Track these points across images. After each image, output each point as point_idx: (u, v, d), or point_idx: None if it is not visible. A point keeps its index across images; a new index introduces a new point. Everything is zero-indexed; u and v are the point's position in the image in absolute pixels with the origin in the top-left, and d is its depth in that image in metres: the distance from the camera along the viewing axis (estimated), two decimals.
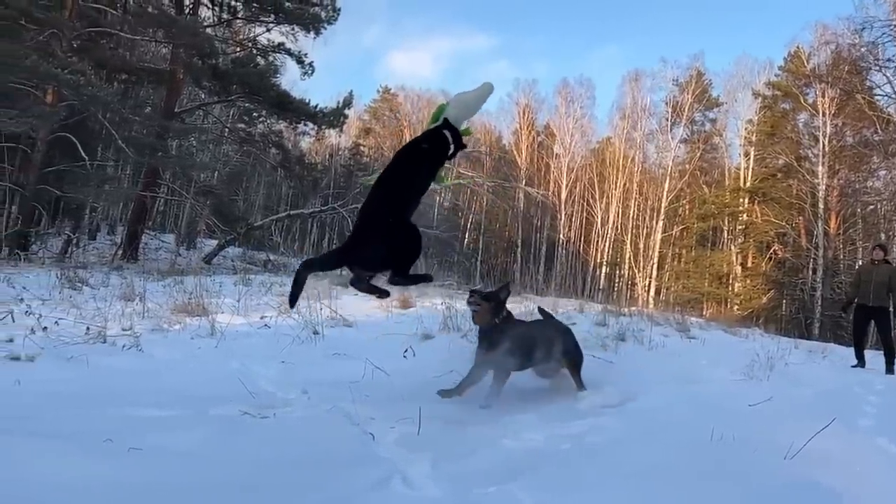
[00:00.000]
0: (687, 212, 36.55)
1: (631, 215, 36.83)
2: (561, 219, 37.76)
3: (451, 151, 3.59)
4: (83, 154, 15.82)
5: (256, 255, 22.01)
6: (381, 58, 77.27)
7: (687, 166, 36.37)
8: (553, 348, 4.01)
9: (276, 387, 3.88)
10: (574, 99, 39.91)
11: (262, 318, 6.67)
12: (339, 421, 3.18)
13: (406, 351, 4.91)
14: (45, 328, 5.17)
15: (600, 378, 4.26)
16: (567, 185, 38.30)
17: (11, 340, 4.47)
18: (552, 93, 42.28)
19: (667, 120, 37.05)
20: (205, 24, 19.28)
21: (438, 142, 3.54)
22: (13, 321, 5.44)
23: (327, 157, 39.51)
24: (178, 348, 5.01)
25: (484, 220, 39.27)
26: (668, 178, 35.62)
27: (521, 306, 7.91)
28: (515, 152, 39.78)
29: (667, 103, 37.14)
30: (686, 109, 36.31)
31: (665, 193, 35.22)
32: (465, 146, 3.71)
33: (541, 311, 4.72)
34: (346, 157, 40.99)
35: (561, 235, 37.66)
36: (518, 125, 40.73)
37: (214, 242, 20.86)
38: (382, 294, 3.50)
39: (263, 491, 2.21)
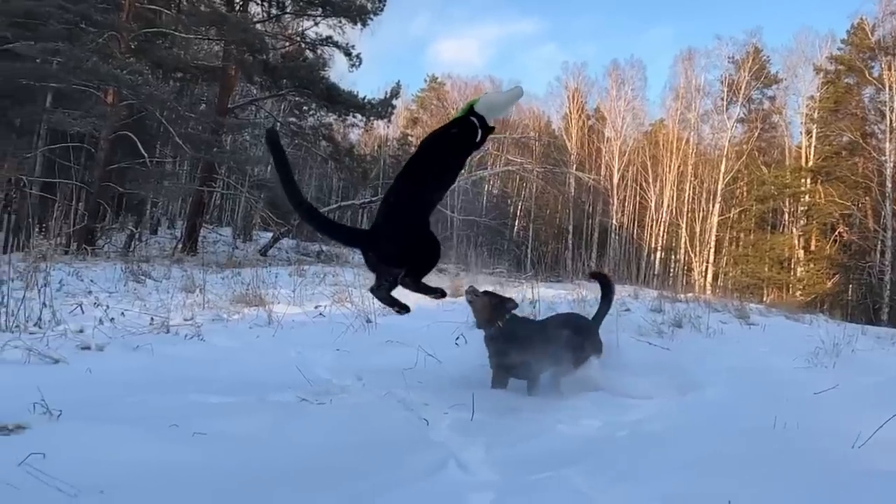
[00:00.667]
0: (745, 194, 35.39)
1: (686, 199, 35.91)
2: (613, 204, 37.13)
3: (478, 137, 3.55)
4: (143, 151, 16.40)
5: (309, 246, 22.43)
6: (427, 46, 77.46)
7: (744, 146, 35.18)
8: (569, 347, 3.68)
9: (331, 374, 3.95)
10: (625, 81, 39.12)
11: (316, 307, 6.81)
12: (393, 406, 3.22)
13: (458, 338, 4.92)
14: (113, 319, 5.40)
15: (657, 365, 4.19)
16: (619, 169, 37.60)
17: (82, 331, 4.68)
18: (602, 75, 41.54)
19: (722, 99, 35.92)
20: (254, 20, 19.65)
21: (466, 127, 3.52)
22: (83, 312, 5.70)
23: (376, 148, 39.86)
24: (237, 337, 5.15)
25: (534, 207, 38.95)
26: (724, 159, 34.56)
27: (573, 293, 7.84)
28: (565, 137, 39.26)
29: (722, 82, 35.99)
30: (743, 88, 35.10)
31: (721, 175, 34.19)
32: (493, 129, 3.66)
33: (595, 275, 4.56)
34: (394, 147, 41.25)
35: (613, 221, 37.04)
36: (567, 109, 40.15)
37: (269, 235, 21.35)
38: (402, 309, 3.45)
39: (323, 473, 2.26)
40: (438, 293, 3.44)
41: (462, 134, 3.48)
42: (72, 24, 15.45)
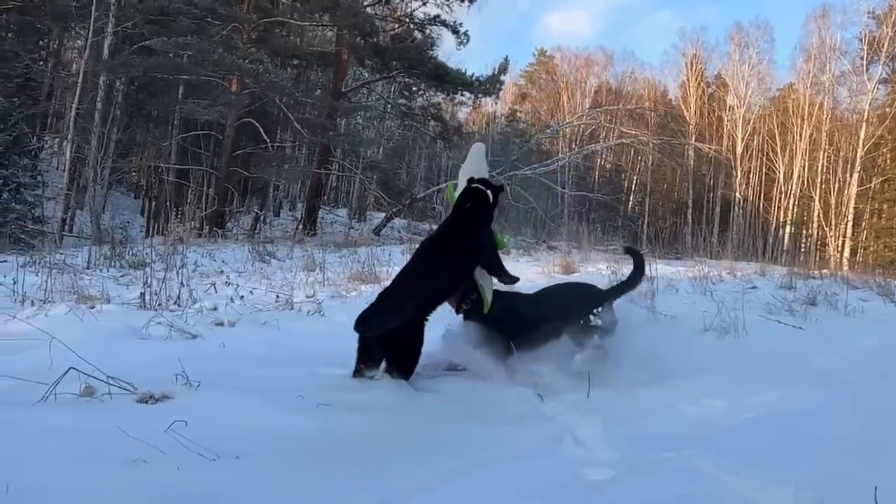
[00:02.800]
0: (888, 161, 32.10)
1: (819, 168, 33.13)
2: (737, 176, 34.91)
3: (492, 198, 3.39)
4: (265, 137, 17.32)
5: (420, 225, 22.85)
6: (535, 20, 75.85)
7: (888, 110, 31.80)
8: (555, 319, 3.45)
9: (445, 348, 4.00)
10: (749, 44, 36.41)
11: None
12: (506, 382, 3.23)
13: None
14: (242, 297, 5.79)
15: (789, 345, 3.91)
16: (743, 139, 35.26)
17: (215, 308, 5.05)
18: (723, 39, 38.93)
19: (861, 59, 32.57)
20: (365, 3, 20.04)
21: (476, 196, 3.36)
22: (216, 291, 6.14)
23: (484, 125, 39.74)
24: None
25: (650, 181, 37.38)
26: (864, 124, 31.46)
27: (693, 271, 7.48)
28: (683, 106, 37.27)
29: (861, 40, 32.60)
30: (885, 45, 31.66)
31: (861, 142, 31.17)
32: (502, 188, 3.52)
33: (629, 250, 4.25)
34: (502, 124, 40.95)
35: (737, 194, 34.85)
36: (685, 77, 38.04)
37: (382, 215, 21.94)
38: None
39: (441, 443, 2.31)
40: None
41: (476, 206, 3.36)
42: (199, 19, 16.50)
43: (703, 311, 4.83)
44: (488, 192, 3.38)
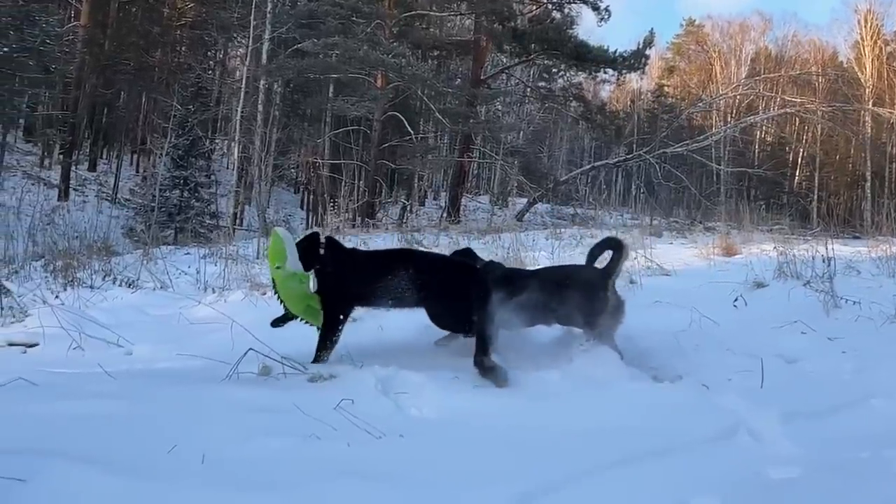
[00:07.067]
0: None
1: None
2: None
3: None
4: (409, 129, 17.87)
5: (563, 209, 22.48)
6: None
7: None
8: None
9: None
10: None
11: None
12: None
13: (736, 300, 4.50)
14: None
15: None
16: None
17: None
18: None
19: None
20: None
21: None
22: None
23: (629, 103, 38.18)
24: None
25: (819, 153, 33.91)
26: None
27: (875, 250, 6.70)
28: (857, 68, 33.37)
29: None
30: None
31: None
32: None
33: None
34: (648, 100, 39.08)
35: None
36: (859, 36, 34.01)
37: (524, 200, 21.85)
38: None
39: (610, 432, 2.25)
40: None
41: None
42: (345, 19, 17.33)
43: (892, 296, 4.29)
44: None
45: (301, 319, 3.32)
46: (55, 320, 4.07)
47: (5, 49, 16.38)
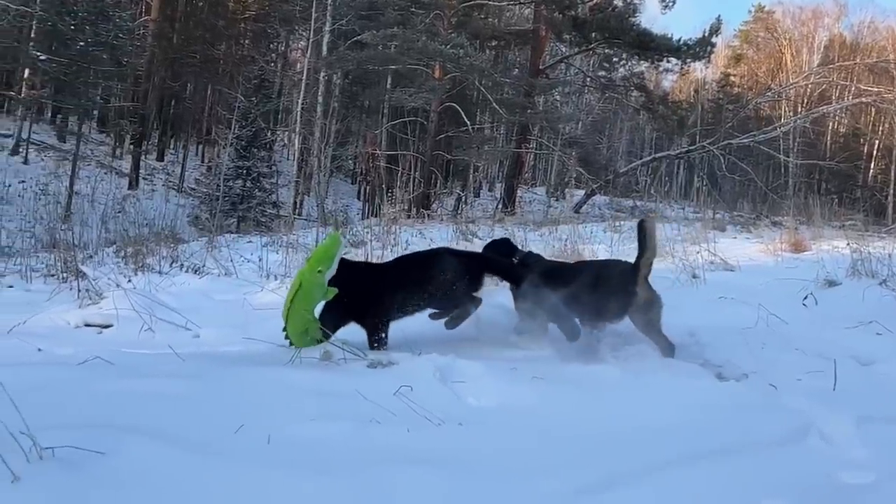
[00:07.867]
0: None
1: None
2: None
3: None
4: (465, 120, 17.86)
5: (622, 202, 22.07)
6: None
7: None
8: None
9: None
10: None
11: None
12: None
13: (805, 298, 4.33)
14: None
15: None
16: None
17: None
18: None
19: None
20: None
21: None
22: None
23: (692, 93, 37.11)
24: None
25: None
26: None
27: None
28: None
29: None
30: None
31: None
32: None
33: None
34: (713, 90, 37.85)
35: None
36: None
37: (582, 192, 21.56)
38: None
39: (671, 430, 2.20)
40: None
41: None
42: (403, 10, 17.42)
43: None
44: None
45: (283, 329, 3.18)
46: (128, 303, 4.26)
47: (81, 44, 17.20)
